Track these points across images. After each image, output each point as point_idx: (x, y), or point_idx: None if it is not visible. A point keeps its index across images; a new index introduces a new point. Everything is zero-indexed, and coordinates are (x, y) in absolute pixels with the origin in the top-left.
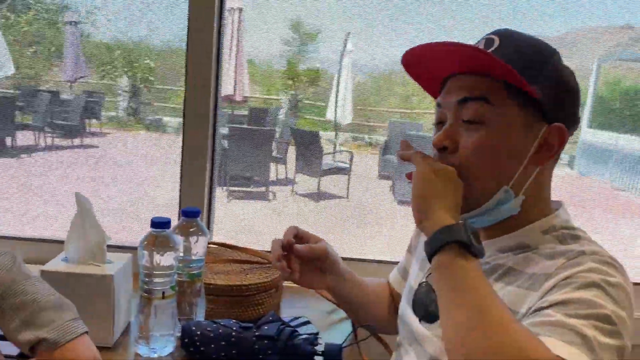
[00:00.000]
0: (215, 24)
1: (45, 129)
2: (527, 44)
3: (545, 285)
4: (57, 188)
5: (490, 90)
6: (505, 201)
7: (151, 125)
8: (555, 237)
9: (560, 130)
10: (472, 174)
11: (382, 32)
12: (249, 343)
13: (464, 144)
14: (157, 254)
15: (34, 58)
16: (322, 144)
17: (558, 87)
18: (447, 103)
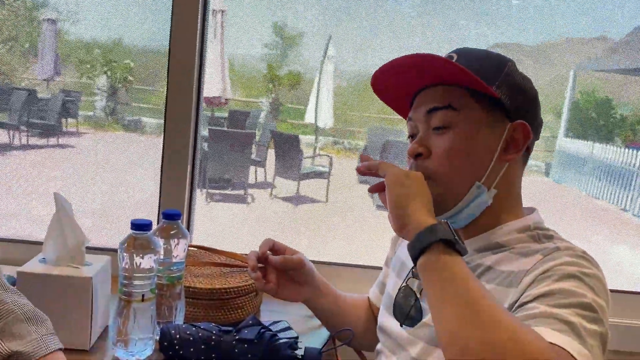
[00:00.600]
0: (199, 26)
1: (21, 128)
2: (482, 55)
3: (525, 280)
4: (33, 188)
5: (454, 98)
6: (479, 196)
7: (129, 126)
8: (530, 236)
9: (522, 125)
10: (446, 174)
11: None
12: (228, 346)
13: (436, 149)
14: (137, 256)
15: (9, 55)
16: (301, 148)
17: (515, 89)
18: (417, 115)
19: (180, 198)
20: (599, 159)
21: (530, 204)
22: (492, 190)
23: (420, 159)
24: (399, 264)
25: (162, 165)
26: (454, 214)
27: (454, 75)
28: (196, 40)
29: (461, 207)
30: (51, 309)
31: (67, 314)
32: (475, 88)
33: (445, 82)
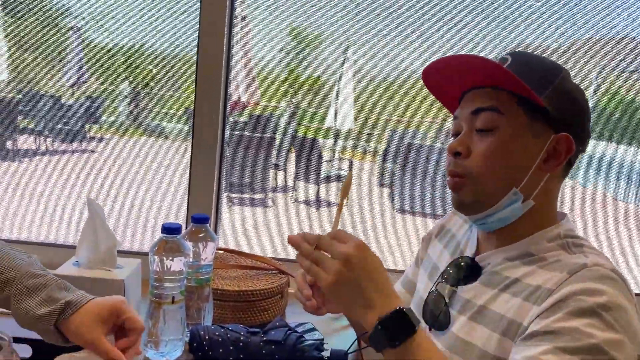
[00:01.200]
0: (226, 32)
1: (46, 133)
2: (536, 61)
3: (548, 302)
4: (60, 192)
5: (501, 101)
6: (514, 202)
7: (151, 131)
8: (560, 245)
9: (566, 139)
10: (484, 176)
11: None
12: (256, 348)
13: (477, 150)
14: (167, 259)
15: (35, 62)
16: (321, 151)
17: (565, 100)
18: (462, 114)
19: (208, 202)
20: (623, 161)
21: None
22: (529, 201)
23: (459, 158)
24: (430, 265)
25: (190, 170)
26: (486, 216)
27: (503, 79)
28: (223, 46)
29: (494, 211)
30: None
31: None
32: (524, 95)
33: (494, 85)
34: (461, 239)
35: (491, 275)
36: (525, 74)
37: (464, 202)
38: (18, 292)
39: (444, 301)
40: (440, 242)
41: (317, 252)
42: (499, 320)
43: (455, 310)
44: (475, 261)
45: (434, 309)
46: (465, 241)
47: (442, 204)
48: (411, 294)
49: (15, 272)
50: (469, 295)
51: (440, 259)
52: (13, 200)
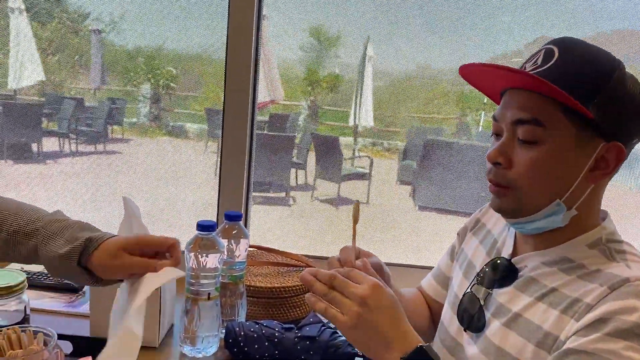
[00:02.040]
0: (254, 32)
1: (70, 135)
2: (586, 59)
3: (586, 318)
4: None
5: (543, 111)
6: (556, 213)
7: (173, 131)
8: (601, 251)
9: (617, 148)
10: (526, 189)
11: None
12: (291, 343)
13: (519, 161)
14: (203, 256)
15: (58, 66)
16: (341, 150)
17: (617, 106)
18: (502, 119)
19: (238, 200)
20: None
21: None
22: (571, 211)
23: (500, 168)
24: (465, 261)
25: (220, 168)
26: (525, 222)
27: (546, 90)
28: (252, 45)
29: (534, 219)
30: None
31: None
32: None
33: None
34: (498, 237)
35: (527, 281)
36: (572, 76)
37: (504, 209)
38: (43, 238)
39: (479, 303)
40: (475, 236)
41: (332, 293)
42: (535, 331)
43: (490, 313)
44: (511, 263)
45: (469, 310)
46: (502, 240)
47: (464, 200)
48: (444, 287)
49: (41, 223)
50: (504, 300)
51: (475, 256)
52: (40, 202)
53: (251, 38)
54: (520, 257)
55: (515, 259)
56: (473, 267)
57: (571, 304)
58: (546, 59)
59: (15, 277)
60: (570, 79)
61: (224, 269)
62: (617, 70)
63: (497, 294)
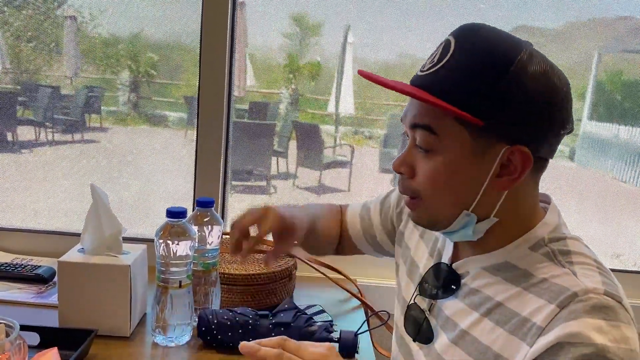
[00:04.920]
0: (229, 19)
1: (46, 124)
2: (480, 53)
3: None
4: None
5: (434, 119)
6: (469, 224)
7: (151, 119)
8: (544, 254)
9: (521, 153)
10: (430, 200)
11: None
12: (265, 330)
13: (420, 171)
14: (173, 244)
15: (33, 53)
16: (323, 138)
17: (514, 105)
18: (405, 120)
19: (214, 188)
20: (625, 142)
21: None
22: (490, 219)
23: (404, 178)
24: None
25: (196, 156)
26: (445, 234)
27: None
28: (227, 34)
29: (450, 230)
30: (92, 297)
31: (107, 301)
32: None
33: None
34: (439, 236)
35: (472, 294)
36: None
37: (419, 222)
38: None
39: (424, 315)
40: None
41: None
42: (485, 352)
43: (438, 324)
44: (452, 269)
45: (417, 320)
46: (442, 240)
47: None
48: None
49: None
50: (450, 312)
51: (417, 253)
52: (15, 191)
53: (226, 24)
54: (462, 262)
55: (456, 264)
56: (416, 267)
57: (520, 324)
58: (442, 55)
59: None
60: (461, 82)
61: (196, 256)
62: (518, 59)
63: (442, 304)
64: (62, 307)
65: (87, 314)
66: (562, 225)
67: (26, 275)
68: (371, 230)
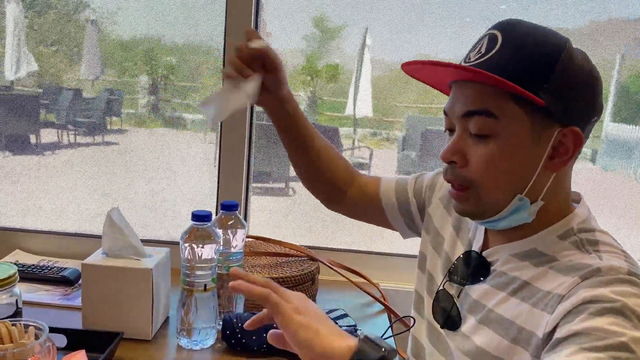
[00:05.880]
0: (252, 22)
1: (68, 127)
2: (530, 42)
3: (559, 309)
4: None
5: (492, 102)
6: (521, 209)
7: (170, 122)
8: (572, 243)
9: (574, 133)
10: (485, 187)
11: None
12: None
13: (474, 158)
14: (198, 247)
15: (55, 57)
16: (341, 140)
17: (568, 89)
18: (452, 113)
19: (237, 190)
20: None
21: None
22: (538, 202)
23: (455, 166)
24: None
25: (219, 159)
26: (492, 222)
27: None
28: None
29: (499, 217)
30: (115, 300)
31: (129, 304)
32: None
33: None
34: (471, 226)
35: (500, 277)
36: (518, 63)
37: (466, 212)
38: None
39: (453, 301)
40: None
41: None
42: (509, 327)
43: (465, 309)
44: (483, 257)
45: (445, 308)
46: (473, 230)
47: None
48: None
49: None
50: (478, 296)
51: (443, 227)
52: (39, 193)
53: (249, 26)
54: (491, 249)
55: (486, 252)
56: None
57: (542, 298)
58: (490, 46)
59: (6, 270)
60: (516, 66)
61: (221, 259)
62: (565, 50)
63: (470, 290)
64: (86, 309)
65: (110, 317)
66: (592, 219)
67: (52, 277)
68: (407, 205)
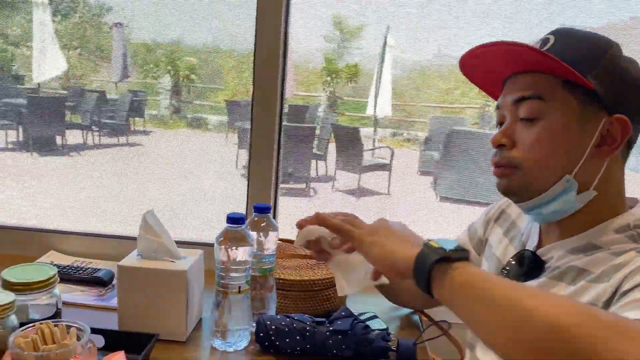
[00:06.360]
0: (283, 23)
1: (93, 128)
2: (582, 39)
3: (617, 276)
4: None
5: (544, 87)
6: (568, 191)
7: (192, 123)
8: (628, 236)
9: (621, 121)
10: (530, 167)
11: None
12: (322, 337)
13: (522, 140)
14: (233, 249)
15: (80, 59)
16: (362, 140)
17: (617, 77)
18: (505, 103)
19: (267, 192)
20: None
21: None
22: (590, 191)
23: (504, 150)
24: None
25: (249, 161)
26: (538, 205)
27: (544, 63)
28: (280, 37)
29: (547, 199)
30: (149, 301)
31: (164, 306)
32: (568, 78)
33: (535, 70)
34: (524, 230)
35: (555, 270)
36: (569, 54)
37: (510, 189)
38: None
39: None
40: (500, 227)
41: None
42: None
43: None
44: (537, 255)
45: None
46: (527, 233)
47: (486, 191)
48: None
49: None
50: None
51: (499, 248)
52: (67, 194)
53: (280, 29)
54: (546, 248)
55: (540, 250)
56: (498, 260)
57: (600, 274)
58: (543, 45)
59: (47, 272)
60: (568, 55)
61: (254, 261)
62: (613, 46)
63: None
64: (121, 310)
65: (145, 318)
66: None
67: (87, 278)
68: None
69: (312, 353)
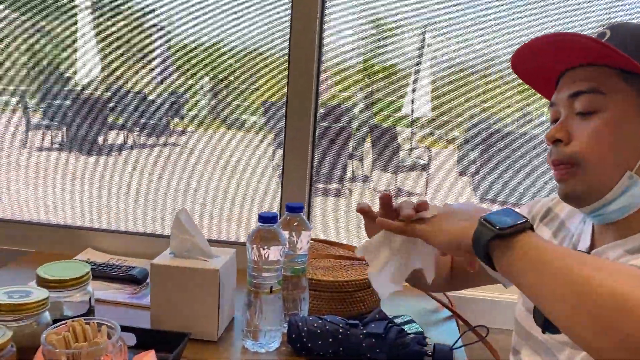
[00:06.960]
0: (317, 24)
1: (133, 128)
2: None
3: None
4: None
5: (602, 80)
6: (632, 187)
7: (230, 123)
8: None
9: None
10: (590, 163)
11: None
12: (356, 340)
13: (579, 134)
14: (265, 249)
15: (122, 61)
16: (399, 140)
17: None
18: (560, 99)
19: (301, 192)
20: None
21: None
22: None
23: (560, 145)
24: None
25: (283, 161)
26: (602, 206)
27: (602, 55)
28: (315, 37)
29: (610, 199)
30: (182, 300)
31: (196, 305)
32: (628, 69)
33: (592, 63)
34: (574, 231)
35: None
36: (627, 45)
37: (574, 193)
38: None
39: None
40: (547, 227)
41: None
42: None
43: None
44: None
45: None
46: (578, 233)
47: (526, 192)
48: None
49: None
50: None
51: None
52: (106, 193)
53: (315, 29)
54: (601, 249)
55: (595, 251)
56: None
57: None
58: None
59: (80, 269)
60: (626, 47)
61: (286, 261)
62: None
63: None
64: (154, 309)
65: (178, 317)
66: None
67: (121, 276)
68: None
69: (344, 356)
